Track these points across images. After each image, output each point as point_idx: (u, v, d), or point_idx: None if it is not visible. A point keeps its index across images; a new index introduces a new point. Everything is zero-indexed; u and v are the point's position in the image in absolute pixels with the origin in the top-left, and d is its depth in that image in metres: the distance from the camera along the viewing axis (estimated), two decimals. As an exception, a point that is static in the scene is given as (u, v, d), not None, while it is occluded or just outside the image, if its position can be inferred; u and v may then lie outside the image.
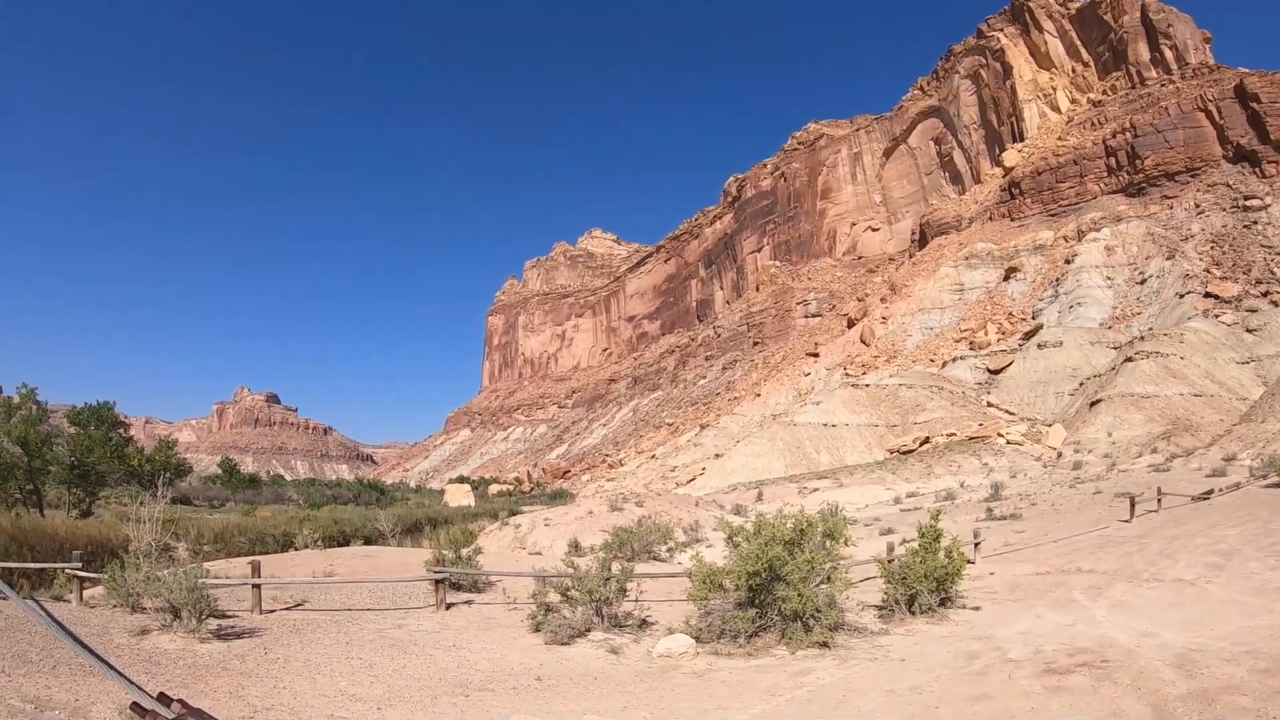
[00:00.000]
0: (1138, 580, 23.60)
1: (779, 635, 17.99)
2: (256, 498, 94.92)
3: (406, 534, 55.44)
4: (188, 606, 17.80)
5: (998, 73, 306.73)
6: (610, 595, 19.79)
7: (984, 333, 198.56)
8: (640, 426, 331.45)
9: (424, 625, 20.33)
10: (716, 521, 44.24)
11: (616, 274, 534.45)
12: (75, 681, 13.60)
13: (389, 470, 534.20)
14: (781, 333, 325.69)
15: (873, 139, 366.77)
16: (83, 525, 41.01)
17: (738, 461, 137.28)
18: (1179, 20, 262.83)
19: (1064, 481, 71.55)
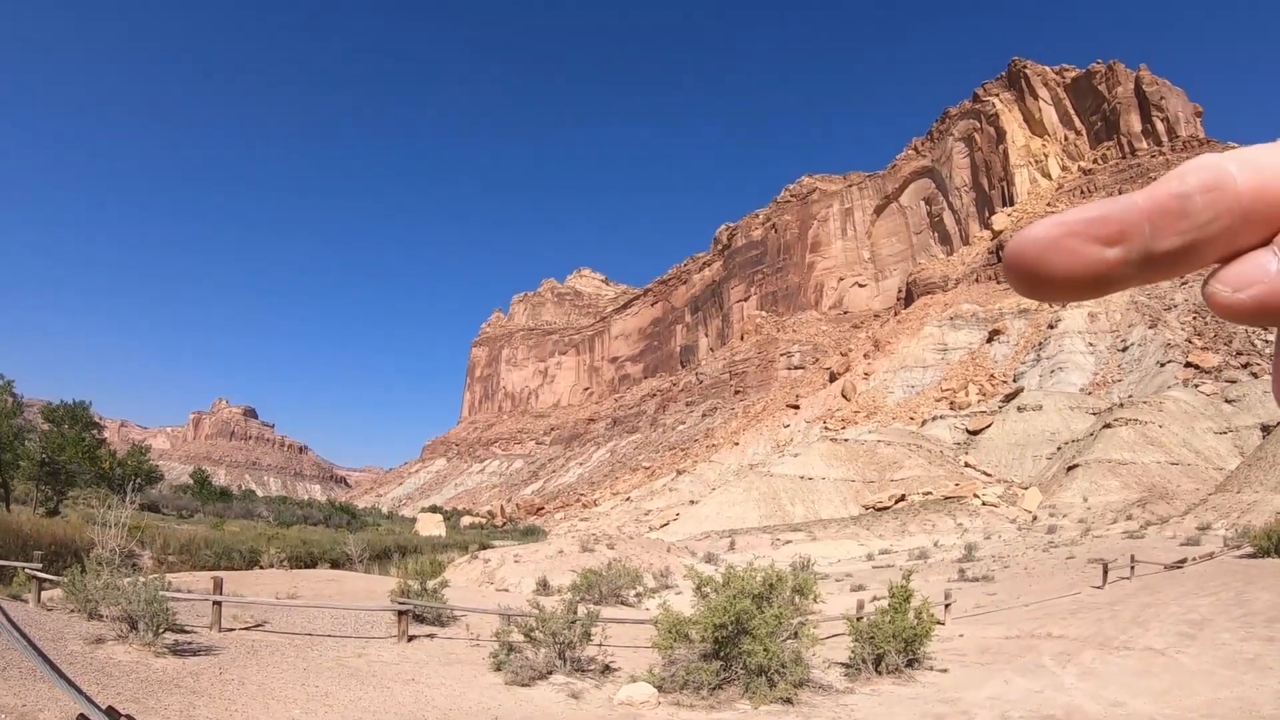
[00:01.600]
0: (1108, 648, 23.47)
1: (743, 689, 17.77)
2: (226, 511, 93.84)
3: (375, 560, 54.85)
4: (145, 618, 17.49)
5: (991, 137, 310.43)
6: (575, 638, 19.55)
7: (965, 393, 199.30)
8: (617, 468, 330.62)
9: (384, 656, 20.02)
10: (687, 569, 44.05)
11: (603, 314, 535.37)
12: (24, 686, 13.30)
13: (362, 494, 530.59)
14: (763, 383, 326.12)
15: (865, 196, 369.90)
16: (48, 524, 40.50)
17: (712, 509, 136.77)
18: (1172, 93, 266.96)
19: (1038, 545, 71.47)
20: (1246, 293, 0.69)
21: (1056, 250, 0.74)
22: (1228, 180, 0.69)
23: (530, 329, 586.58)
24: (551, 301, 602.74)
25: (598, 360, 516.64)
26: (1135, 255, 0.72)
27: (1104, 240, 0.73)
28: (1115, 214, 0.73)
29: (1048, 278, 0.74)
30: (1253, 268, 0.69)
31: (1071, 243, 0.74)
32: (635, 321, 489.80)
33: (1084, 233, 0.73)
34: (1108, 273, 0.73)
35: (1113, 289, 0.78)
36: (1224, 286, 0.70)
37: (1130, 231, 0.72)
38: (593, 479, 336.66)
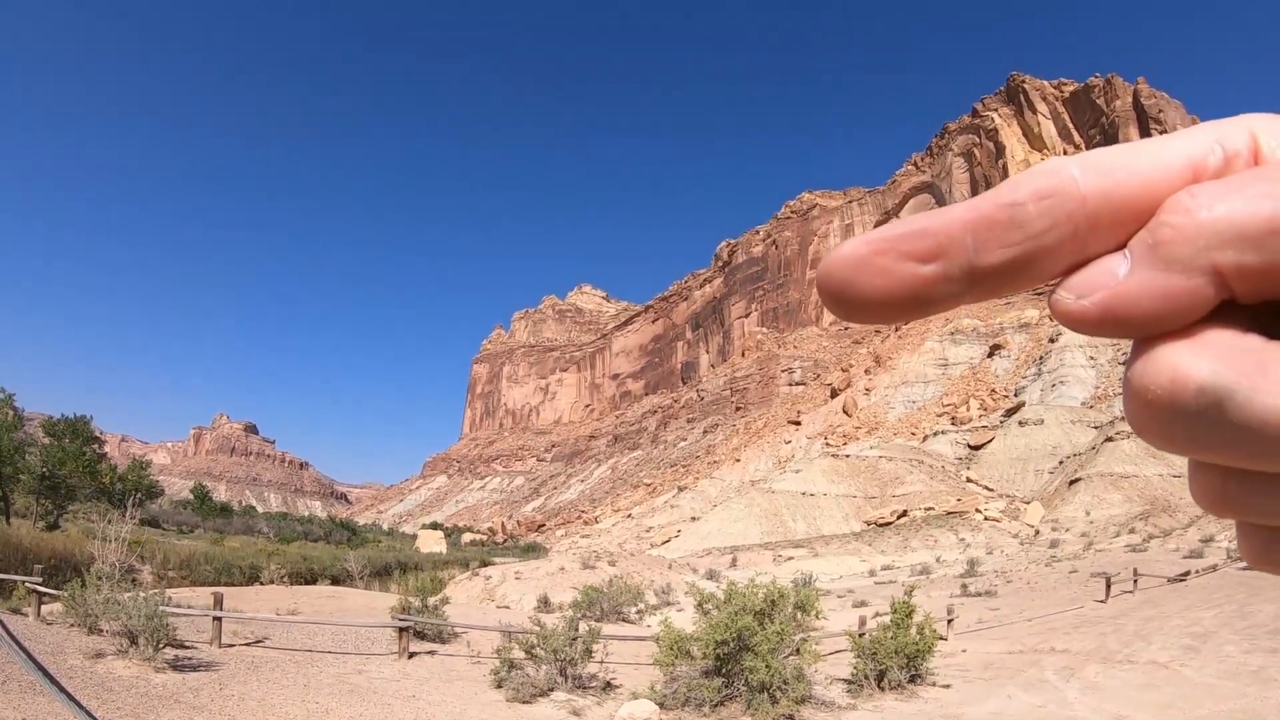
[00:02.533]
0: (1111, 661, 23.39)
1: (745, 706, 17.70)
2: (227, 527, 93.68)
3: (375, 576, 54.72)
4: (145, 633, 17.44)
5: (990, 151, 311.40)
6: (576, 655, 19.48)
7: (966, 408, 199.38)
8: (618, 485, 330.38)
9: (385, 673, 19.95)
10: (689, 585, 43.95)
11: (604, 331, 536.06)
12: (24, 700, 13.26)
13: (363, 510, 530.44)
14: (764, 399, 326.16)
15: (864, 211, 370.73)
16: (48, 537, 40.47)
17: (714, 526, 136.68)
18: (1170, 105, 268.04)
19: (1040, 559, 71.41)
20: (1090, 300, 0.64)
21: (867, 269, 0.67)
22: (1067, 185, 0.64)
23: (531, 346, 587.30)
24: (553, 318, 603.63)
25: (599, 377, 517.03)
26: (956, 271, 0.66)
27: (918, 257, 0.66)
28: (932, 228, 0.66)
29: (858, 299, 0.68)
30: (1099, 273, 0.64)
31: (882, 260, 0.67)
32: (636, 338, 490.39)
33: (895, 249, 0.67)
34: (925, 291, 0.66)
35: (937, 308, 0.71)
36: (1067, 294, 0.65)
37: (948, 246, 0.65)
38: (594, 496, 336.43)
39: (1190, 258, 0.60)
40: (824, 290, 0.70)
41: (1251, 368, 0.57)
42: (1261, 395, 0.55)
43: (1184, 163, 0.64)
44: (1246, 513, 0.63)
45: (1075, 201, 0.63)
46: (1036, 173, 0.66)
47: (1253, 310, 0.62)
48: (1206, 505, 0.65)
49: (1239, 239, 0.58)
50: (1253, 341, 0.59)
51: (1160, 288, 0.61)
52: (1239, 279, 0.59)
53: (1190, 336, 0.61)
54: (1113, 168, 0.64)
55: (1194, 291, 0.60)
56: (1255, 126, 0.64)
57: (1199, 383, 0.58)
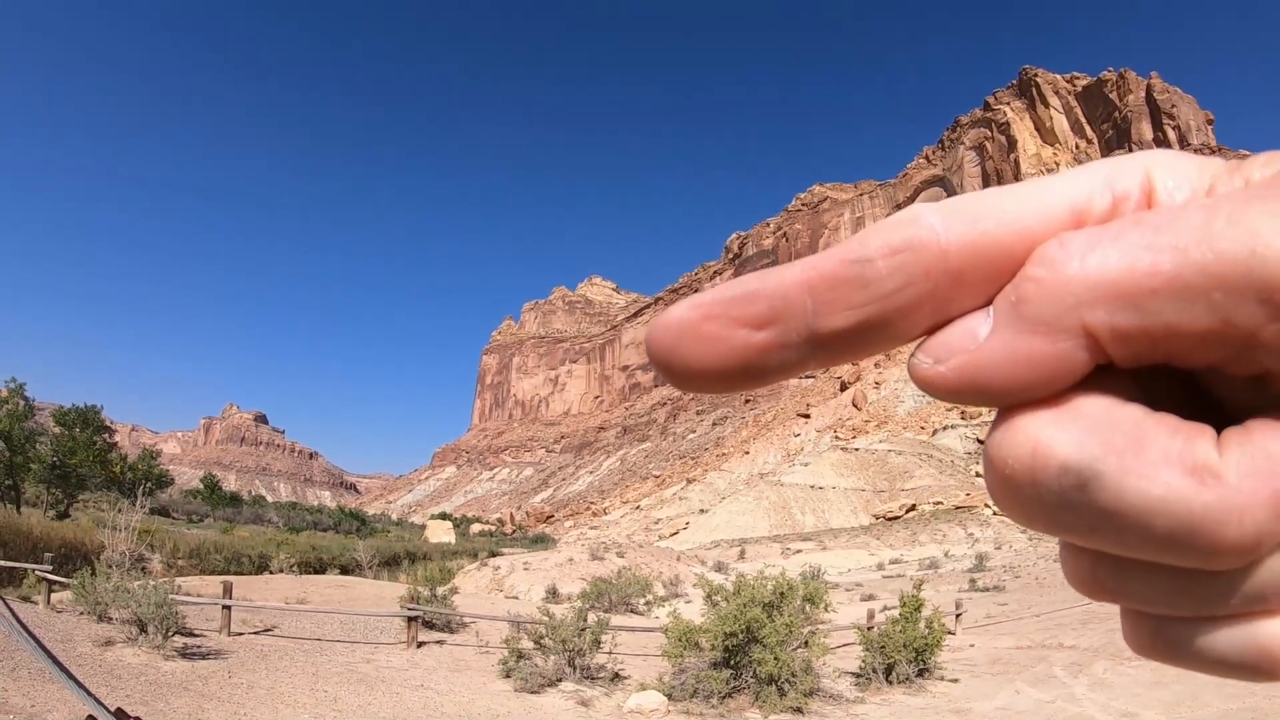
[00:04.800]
0: (1120, 658, 23.32)
1: (753, 698, 17.70)
2: (236, 516, 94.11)
3: (384, 566, 54.90)
4: (155, 622, 17.50)
5: (1002, 145, 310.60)
6: (584, 646, 19.49)
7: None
8: (627, 476, 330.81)
9: (393, 662, 20.00)
10: (697, 578, 43.92)
11: (613, 322, 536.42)
12: (33, 687, 13.33)
13: (372, 500, 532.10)
14: (773, 392, 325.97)
15: (875, 204, 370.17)
16: (58, 526, 40.68)
17: (722, 518, 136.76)
18: (1183, 101, 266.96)
19: (1049, 555, 71.19)
20: (947, 365, 0.54)
21: (694, 337, 0.58)
22: (926, 238, 0.54)
23: (541, 337, 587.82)
24: (562, 309, 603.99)
25: (608, 369, 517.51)
26: (795, 337, 0.56)
27: (750, 323, 0.56)
28: (764, 290, 0.57)
29: (685, 369, 0.59)
30: (957, 335, 0.55)
31: (710, 327, 0.57)
32: (646, 330, 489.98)
33: (724, 315, 0.57)
34: (758, 361, 0.57)
35: (778, 378, 0.60)
36: (925, 358, 0.56)
37: (784, 309, 0.56)
38: (602, 487, 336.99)
39: (1056, 318, 0.50)
40: (651, 356, 0.61)
41: (1124, 445, 0.48)
42: (1133, 479, 0.47)
43: (1065, 207, 0.55)
44: (1123, 599, 0.53)
45: (934, 255, 0.54)
46: (890, 224, 0.56)
47: (1136, 375, 0.54)
48: (1079, 589, 0.56)
49: (1113, 297, 0.49)
50: (1131, 413, 0.50)
51: (1022, 352, 0.52)
52: (1114, 343, 0.50)
53: (1058, 405, 0.52)
54: (981, 215, 0.55)
55: (1061, 357, 0.51)
56: (1151, 164, 0.54)
57: (1062, 460, 0.49)
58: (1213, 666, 0.49)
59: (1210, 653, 0.49)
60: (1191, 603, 0.50)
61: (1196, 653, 0.51)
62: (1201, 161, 0.54)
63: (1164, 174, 0.55)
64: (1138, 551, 0.49)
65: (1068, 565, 0.58)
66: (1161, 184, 0.54)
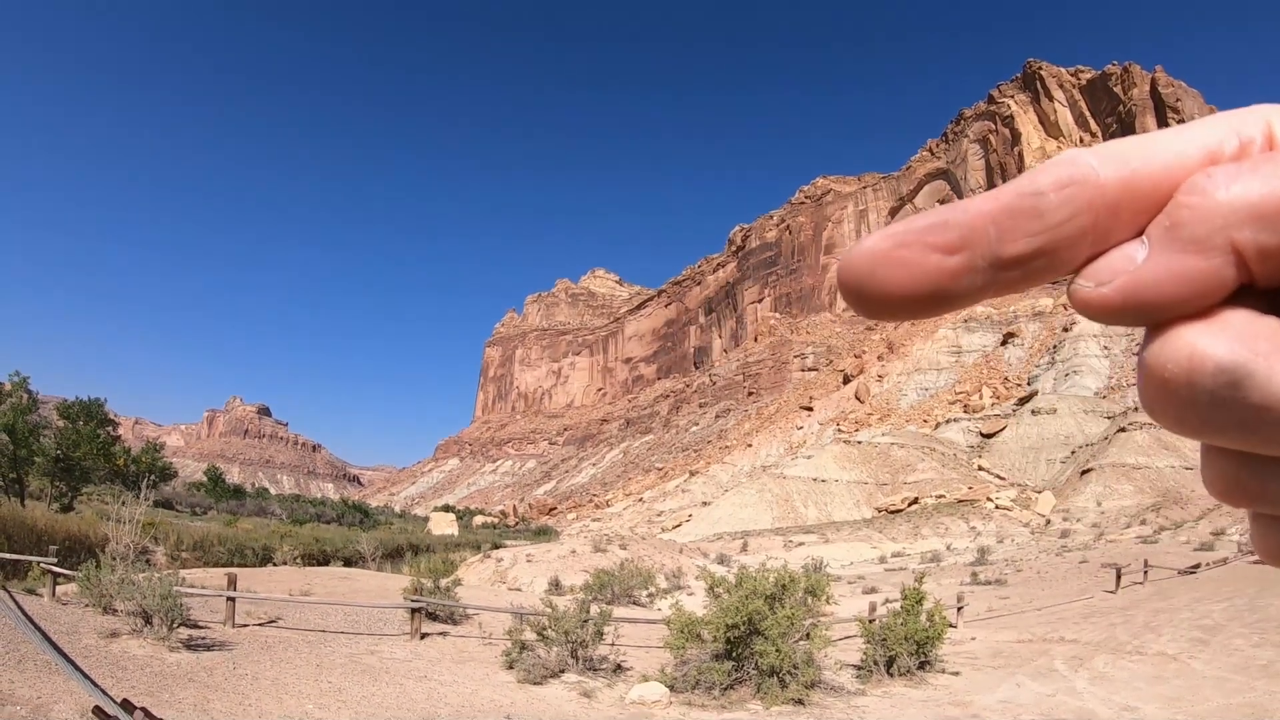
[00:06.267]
0: (1120, 652, 23.38)
1: (754, 689, 17.76)
2: (239, 509, 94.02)
3: (387, 558, 54.91)
4: (160, 613, 17.57)
5: (1006, 139, 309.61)
6: (587, 638, 19.55)
7: (979, 396, 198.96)
8: (630, 469, 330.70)
9: (397, 653, 20.07)
10: (699, 570, 43.94)
11: (616, 315, 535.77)
12: (40, 679, 13.40)
13: (375, 493, 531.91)
14: (777, 384, 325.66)
15: (879, 197, 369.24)
16: (63, 519, 40.69)
17: (725, 511, 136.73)
18: (1188, 95, 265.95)
19: (1051, 549, 71.30)
20: (1110, 286, 0.62)
21: (889, 263, 0.64)
22: (1087, 174, 0.62)
23: (544, 329, 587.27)
24: (565, 302, 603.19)
25: (611, 361, 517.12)
26: (981, 263, 0.63)
27: (942, 248, 0.64)
28: (954, 219, 0.64)
29: (881, 294, 0.64)
30: (1118, 259, 0.62)
31: (905, 253, 0.64)
32: (649, 322, 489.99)
33: (918, 242, 0.64)
34: (950, 285, 0.64)
35: (963, 303, 0.68)
36: (1086, 281, 0.63)
37: (972, 237, 0.63)
38: (605, 480, 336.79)
39: (1208, 238, 0.58)
40: (845, 286, 0.66)
41: (1270, 349, 0.55)
42: (1279, 376, 0.53)
43: (1200, 151, 0.63)
44: (1260, 503, 0.61)
45: (1095, 190, 0.62)
46: (1056, 163, 0.64)
47: (1271, 296, 0.61)
48: (1219, 494, 0.63)
49: (1257, 218, 0.56)
50: (1272, 323, 0.59)
51: (1179, 270, 0.59)
52: (1258, 260, 0.58)
53: (1209, 318, 0.60)
54: (1130, 156, 0.63)
55: (1213, 272, 0.59)
56: (1271, 116, 0.63)
57: (1217, 362, 0.55)
58: None
59: None
60: None
61: None
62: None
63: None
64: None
65: (1209, 471, 0.65)
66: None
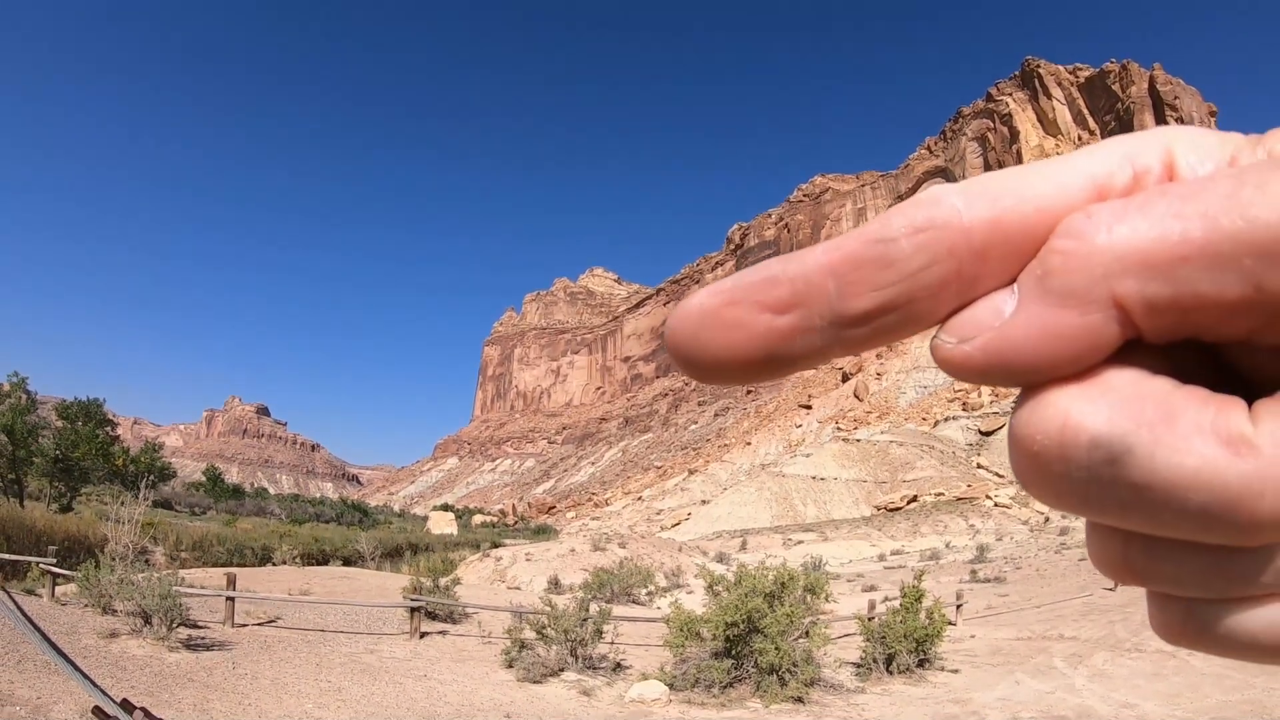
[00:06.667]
0: (1120, 649, 23.39)
1: (754, 688, 17.77)
2: (239, 508, 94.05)
3: (386, 558, 54.96)
4: (159, 613, 17.58)
5: (1004, 136, 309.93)
6: (586, 636, 19.56)
7: (978, 394, 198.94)
8: (629, 467, 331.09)
9: (397, 652, 20.09)
10: (698, 568, 43.97)
11: (615, 314, 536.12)
12: (39, 679, 13.40)
13: (374, 492, 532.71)
14: (775, 383, 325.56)
15: (878, 195, 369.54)
16: (61, 520, 40.71)
17: (724, 509, 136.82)
18: (1186, 92, 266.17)
19: (1050, 546, 71.29)
20: (973, 343, 0.53)
21: (716, 324, 0.56)
22: (949, 217, 0.53)
23: (542, 328, 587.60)
24: (564, 300, 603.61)
25: (610, 360, 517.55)
26: (819, 321, 0.55)
27: (772, 307, 0.55)
28: (785, 273, 0.55)
29: (708, 359, 0.56)
30: (983, 312, 0.53)
31: (733, 313, 0.55)
32: (648, 321, 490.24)
33: (746, 300, 0.55)
34: (783, 347, 0.55)
35: (804, 365, 0.58)
36: (949, 337, 0.54)
37: (806, 292, 0.55)
38: (604, 478, 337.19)
39: (1085, 289, 0.49)
40: (671, 350, 0.58)
41: (1156, 418, 0.47)
42: (1165, 451, 0.45)
43: (1085, 183, 0.54)
44: (1153, 582, 0.54)
45: (958, 234, 0.53)
46: (914, 203, 0.56)
47: (1165, 350, 0.52)
48: (1106, 572, 0.56)
49: (1144, 267, 0.47)
50: (1161, 386, 0.49)
51: (1051, 326, 0.51)
52: (1144, 314, 0.49)
53: (1087, 380, 0.51)
54: (1001, 193, 0.54)
55: (1091, 330, 0.50)
56: (1172, 140, 0.54)
57: (1092, 434, 0.47)
58: (1245, 650, 0.47)
59: (1243, 635, 0.49)
60: (1223, 583, 0.49)
61: (1228, 636, 0.50)
62: (1222, 136, 0.53)
63: (1185, 148, 0.54)
64: (1170, 529, 0.47)
65: (1095, 548, 0.57)
66: (1183, 158, 0.54)
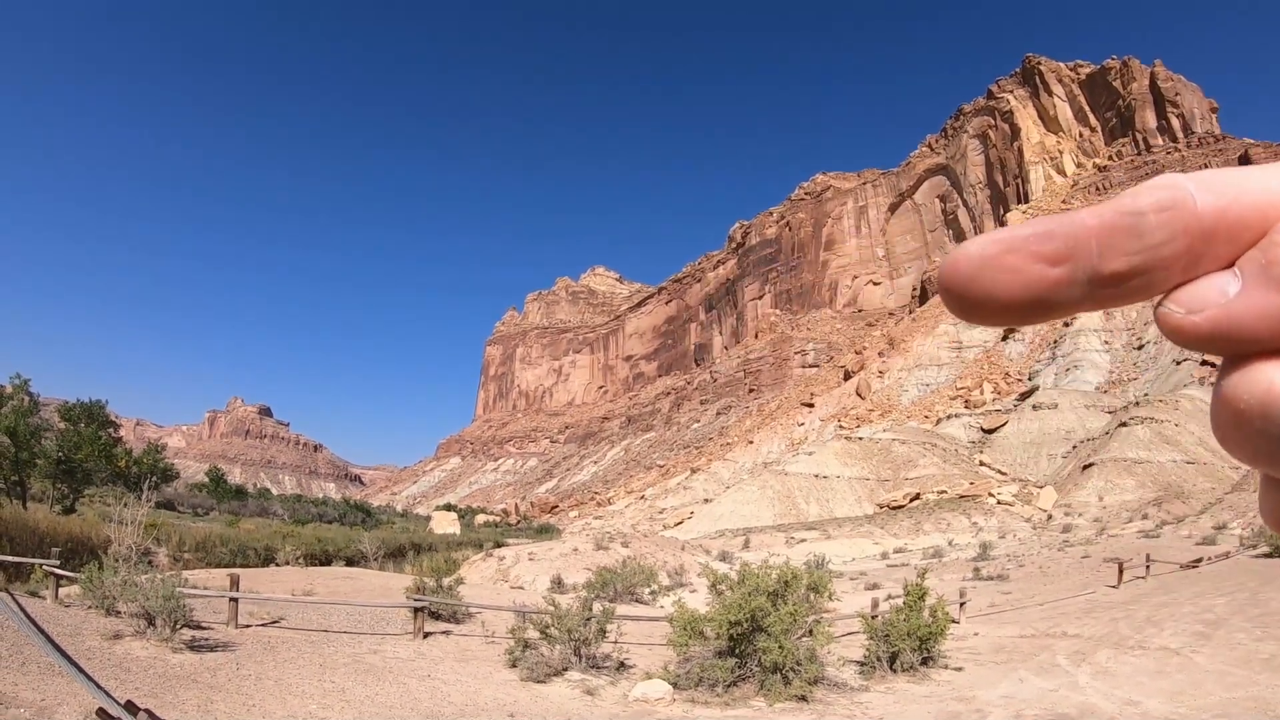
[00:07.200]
0: (1123, 647, 23.37)
1: (758, 686, 17.76)
2: (241, 509, 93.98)
3: (389, 558, 54.94)
4: (162, 615, 17.58)
5: (1006, 134, 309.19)
6: (590, 636, 19.55)
7: (980, 391, 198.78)
8: (631, 466, 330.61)
9: (400, 652, 20.08)
10: (702, 567, 43.94)
11: (617, 312, 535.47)
12: (43, 681, 13.40)
13: (377, 492, 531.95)
14: (778, 381, 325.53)
15: (879, 193, 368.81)
16: (65, 521, 40.68)
17: (727, 507, 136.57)
18: (1186, 89, 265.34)
19: (1053, 544, 71.19)
20: (1201, 315, 0.63)
21: (995, 268, 0.66)
22: (1185, 200, 0.64)
23: (544, 327, 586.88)
24: (566, 300, 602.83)
25: (612, 359, 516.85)
26: (1082, 276, 0.66)
27: (1048, 258, 0.66)
28: (1061, 230, 0.67)
29: (983, 298, 0.67)
30: (1210, 289, 0.64)
31: (1012, 260, 0.66)
32: (650, 320, 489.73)
33: (1026, 249, 0.66)
34: (1050, 294, 0.66)
35: (1055, 314, 0.70)
36: (1177, 307, 0.65)
37: (1077, 250, 0.65)
38: (607, 477, 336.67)
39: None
40: (947, 287, 0.68)
41: None
42: None
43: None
44: None
45: (1192, 216, 0.64)
46: (1155, 185, 0.66)
47: None
48: (1276, 524, 0.67)
49: None
50: None
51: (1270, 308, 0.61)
52: None
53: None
54: (1226, 187, 0.65)
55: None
56: None
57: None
58: None
59: None
60: None
61: None
62: None
63: None
64: None
65: (1268, 503, 0.69)
66: None
